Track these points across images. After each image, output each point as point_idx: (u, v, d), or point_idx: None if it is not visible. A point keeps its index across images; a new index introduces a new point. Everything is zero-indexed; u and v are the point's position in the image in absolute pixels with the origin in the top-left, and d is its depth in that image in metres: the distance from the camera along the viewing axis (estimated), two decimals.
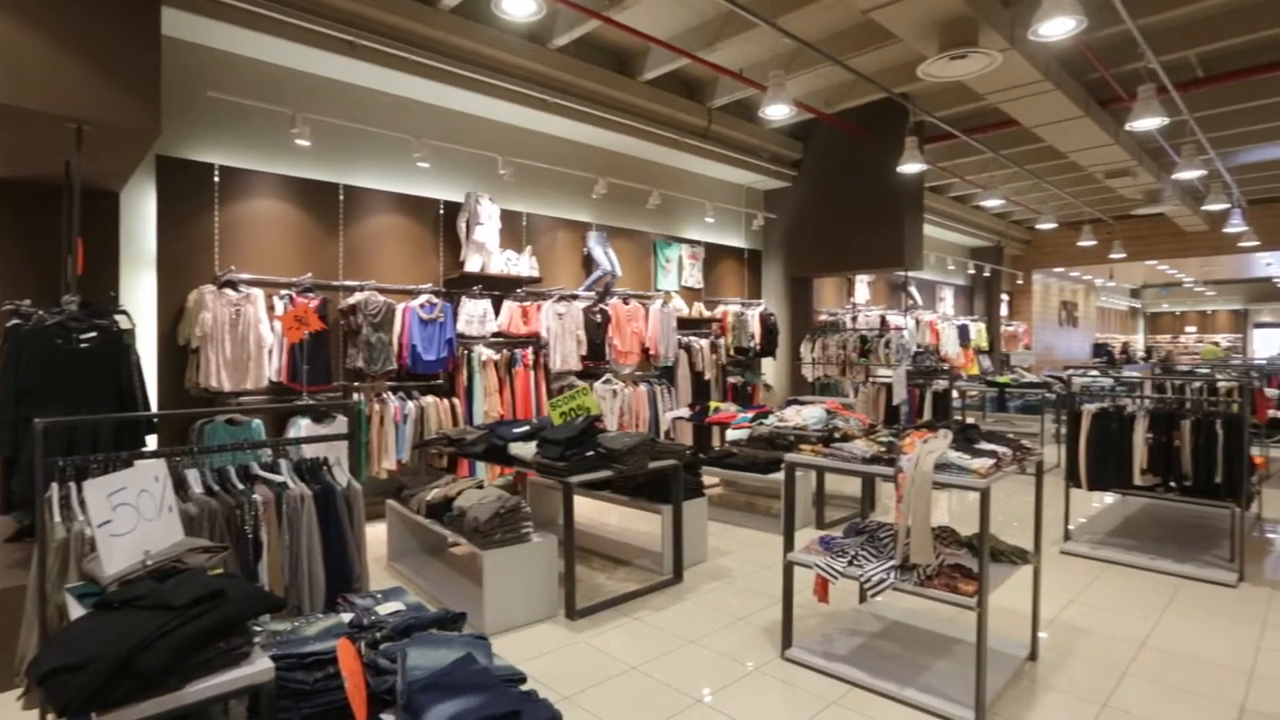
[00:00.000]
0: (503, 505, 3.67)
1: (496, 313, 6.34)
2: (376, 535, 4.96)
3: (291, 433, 4.97)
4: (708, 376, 7.96)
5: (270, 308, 5.07)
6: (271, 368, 5.03)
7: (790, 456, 3.40)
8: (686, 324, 7.98)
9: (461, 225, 6.19)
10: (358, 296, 5.44)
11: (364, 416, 5.38)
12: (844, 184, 8.71)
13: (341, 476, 2.90)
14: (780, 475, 4.94)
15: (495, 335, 6.29)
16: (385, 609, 2.35)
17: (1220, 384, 5.63)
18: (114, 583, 1.92)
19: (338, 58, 5.13)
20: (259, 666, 1.73)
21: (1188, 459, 4.52)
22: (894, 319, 10.54)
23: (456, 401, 5.88)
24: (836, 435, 3.62)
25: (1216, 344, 25.27)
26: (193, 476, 2.65)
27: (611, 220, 7.65)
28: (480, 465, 5.89)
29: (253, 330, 4.87)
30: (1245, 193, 12.05)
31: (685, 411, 6.62)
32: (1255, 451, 4.86)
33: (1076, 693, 2.99)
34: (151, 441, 4.12)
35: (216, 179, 5.02)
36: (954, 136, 8.06)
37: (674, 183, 8.25)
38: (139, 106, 3.44)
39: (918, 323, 11.32)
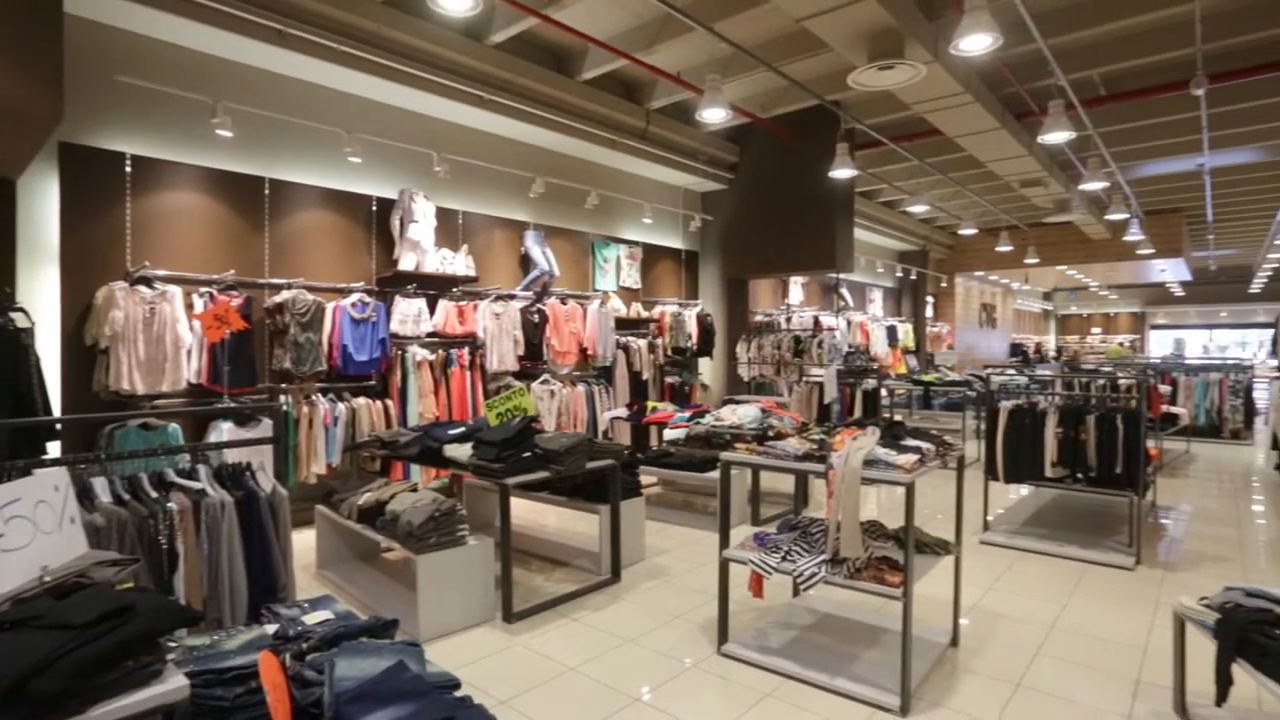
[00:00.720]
0: (437, 508, 3.60)
1: (432, 312, 6.21)
2: (305, 542, 4.79)
3: (212, 437, 4.74)
4: (645, 376, 8.02)
5: (189, 306, 4.82)
6: (190, 369, 4.78)
7: (725, 455, 3.46)
8: (624, 324, 8.01)
9: (395, 223, 6.04)
10: (285, 295, 5.23)
11: (291, 419, 5.18)
12: (779, 187, 8.91)
13: (266, 482, 2.79)
14: (717, 474, 5.02)
15: (430, 335, 6.17)
16: (313, 619, 2.27)
17: (1121, 381, 6.04)
18: (6, 602, 1.79)
19: (265, 46, 4.91)
20: (172, 685, 1.65)
21: (1092, 452, 4.83)
22: (826, 320, 10.84)
23: (390, 403, 5.73)
24: (770, 434, 3.70)
25: (1122, 344, 27.07)
26: (100, 485, 2.49)
27: (549, 220, 7.61)
28: (415, 468, 5.77)
29: (169, 330, 4.63)
30: (1142, 204, 12.94)
31: (623, 411, 6.64)
32: (1150, 444, 5.23)
33: (993, 674, 3.15)
34: (54, 449, 3.87)
35: (128, 169, 4.74)
36: (882, 144, 8.36)
37: (612, 183, 8.27)
38: (37, 88, 3.21)
39: (849, 323, 11.68)
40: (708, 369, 9.50)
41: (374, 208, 6.05)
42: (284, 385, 5.35)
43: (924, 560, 3.14)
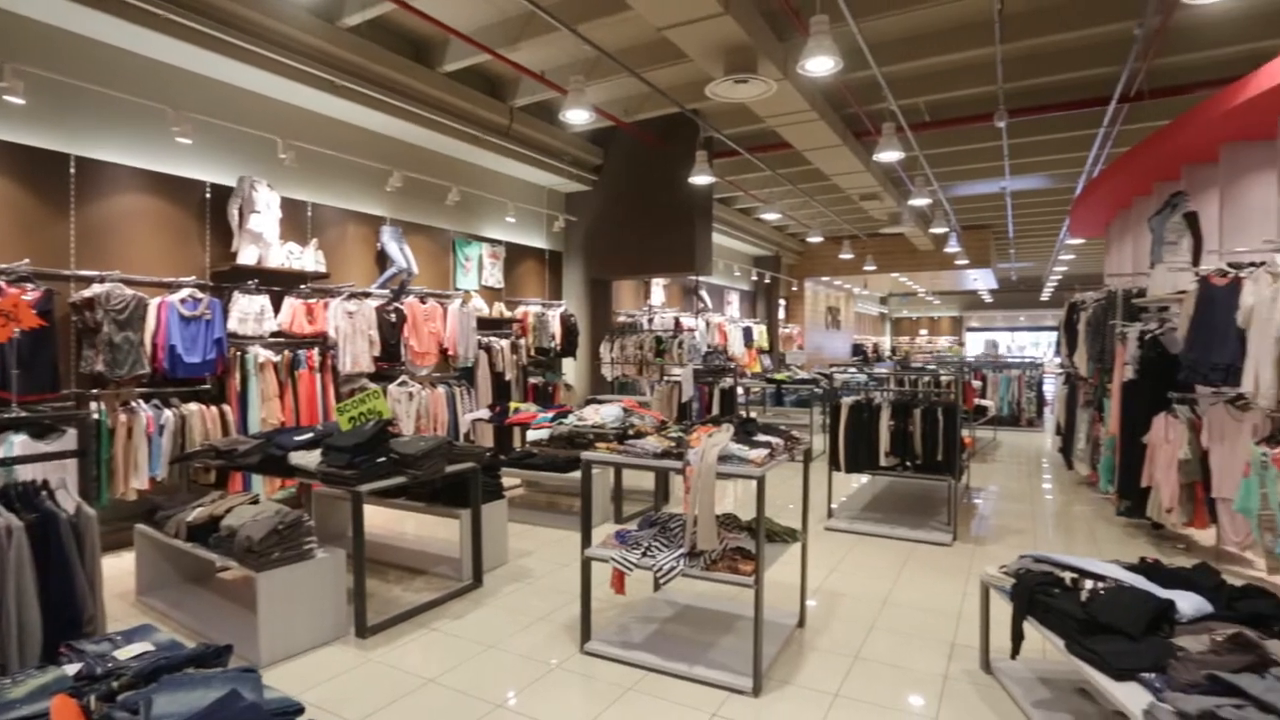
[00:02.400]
0: (281, 521, 3.35)
1: (276, 310, 5.75)
2: (122, 567, 4.30)
3: (0, 452, 4.10)
4: (508, 377, 7.90)
5: None
6: None
7: (586, 454, 3.51)
8: (487, 324, 7.85)
9: (234, 212, 5.54)
10: (97, 289, 4.64)
11: (106, 429, 4.60)
12: (641, 191, 9.11)
13: (68, 502, 2.48)
14: (580, 473, 5.05)
15: (275, 335, 5.71)
16: (127, 652, 2.04)
17: (943, 378, 6.76)
18: None
19: (72, 5, 4.32)
20: None
21: (918, 442, 5.37)
22: (687, 321, 11.22)
23: (228, 408, 5.25)
24: (631, 432, 3.79)
25: (961, 344, 30.33)
26: None
27: (408, 215, 7.30)
28: (257, 479, 5.32)
29: None
30: (960, 220, 14.55)
31: (485, 413, 6.51)
32: (965, 433, 5.91)
33: (835, 649, 3.43)
34: None
35: None
36: (739, 153, 8.79)
37: (474, 180, 8.07)
38: None
39: (708, 324, 12.16)
40: (571, 369, 9.53)
41: (208, 195, 5.51)
42: (96, 391, 4.75)
43: (774, 549, 3.36)
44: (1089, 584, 2.77)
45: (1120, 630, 2.41)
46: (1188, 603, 2.53)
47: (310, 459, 3.79)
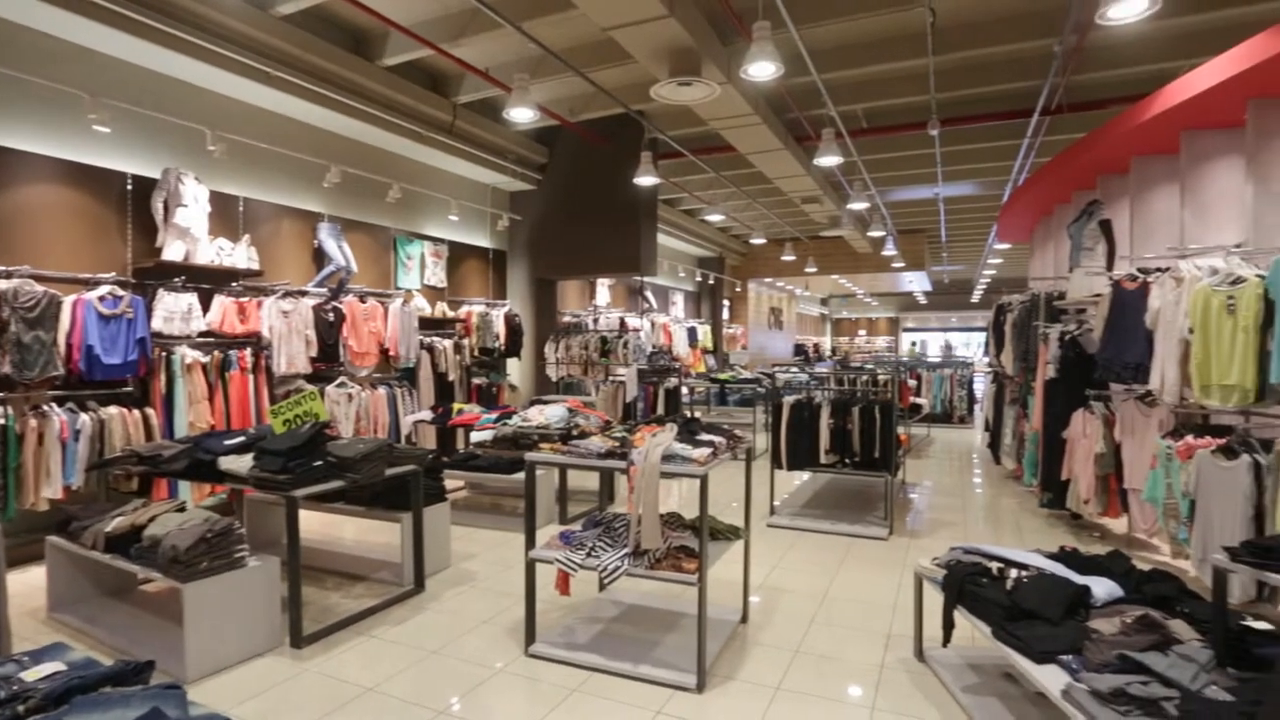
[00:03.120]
0: (210, 529, 3.22)
1: (205, 309, 5.51)
2: (31, 582, 4.07)
3: None
4: (452, 378, 7.78)
5: None
6: None
7: (530, 455, 3.49)
8: (429, 324, 7.71)
9: (158, 206, 5.27)
10: (3, 285, 4.35)
11: (13, 434, 4.32)
12: (586, 190, 9.09)
13: None
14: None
15: (204, 335, 5.47)
16: (36, 673, 1.92)
17: (880, 377, 6.98)
18: None
19: None
20: None
21: (857, 439, 5.53)
22: (632, 321, 11.26)
23: (152, 412, 4.99)
24: (575, 433, 3.79)
25: (915, 343, 31.31)
26: None
27: (347, 212, 7.09)
28: (184, 486, 5.09)
29: None
30: (896, 224, 15.05)
31: (428, 414, 6.39)
32: (901, 430, 6.11)
33: (777, 644, 3.51)
34: None
35: None
36: (683, 155, 8.87)
37: (416, 177, 7.91)
38: None
39: (653, 325, 12.23)
40: (516, 369, 9.44)
41: (129, 187, 5.24)
42: (3, 394, 4.45)
43: (717, 546, 3.41)
44: (1014, 573, 2.92)
45: (1041, 616, 2.55)
46: (1101, 588, 2.70)
47: (242, 464, 3.65)
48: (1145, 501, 4.27)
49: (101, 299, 4.76)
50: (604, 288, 11.93)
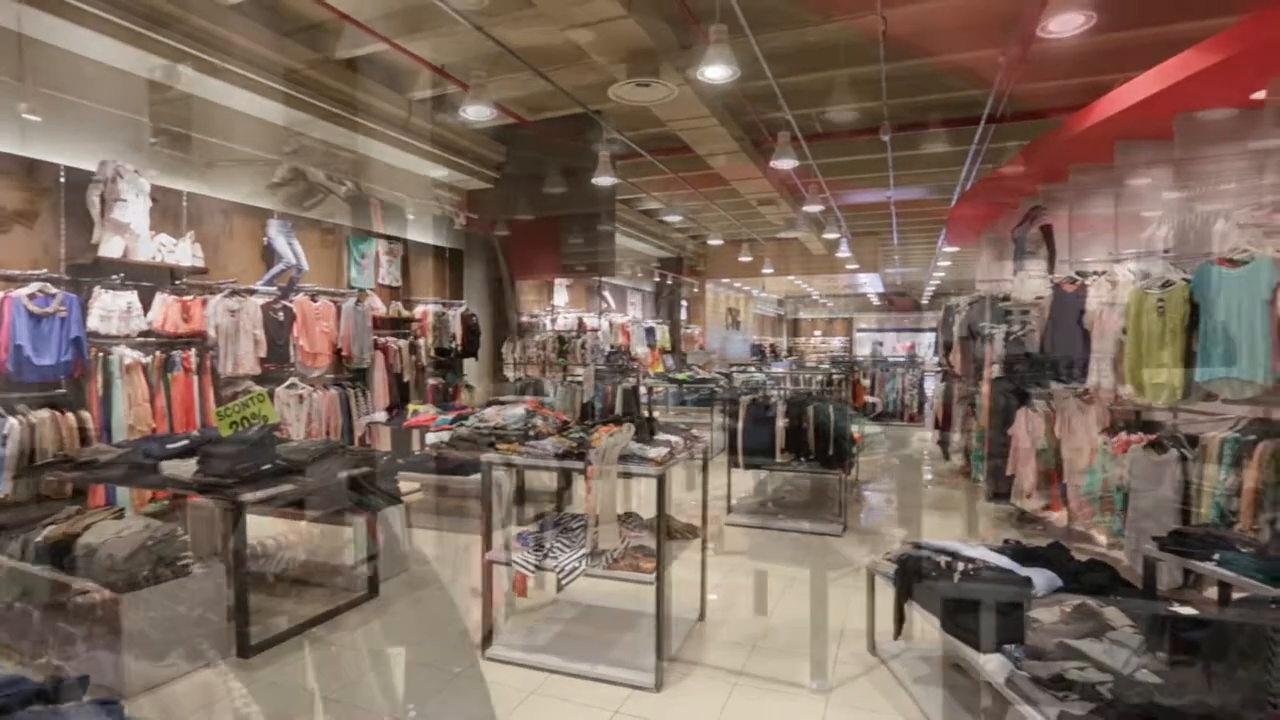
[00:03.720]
0: (150, 536, 3.11)
1: (146, 308, 5.30)
2: None
3: None
4: (407, 378, 7.64)
5: None
6: None
7: (486, 456, 3.46)
8: (384, 323, 7.57)
9: (95, 200, 5.05)
10: None
11: None
12: (544, 190, 9.03)
13: None
14: None
15: (145, 334, 5.26)
16: None
17: (834, 377, 7.12)
18: None
19: None
20: None
21: (812, 438, 5.63)
22: (590, 321, 11.24)
23: (87, 415, 4.78)
24: (533, 433, 3.77)
25: (879, 343, 31.77)
26: None
27: (298, 209, 6.90)
28: (123, 492, 4.88)
29: None
30: (850, 227, 15.34)
31: (382, 415, 6.28)
32: (854, 429, 6.24)
33: (734, 641, 3.55)
34: None
35: None
36: (642, 155, 8.89)
37: (370, 174, 7.74)
38: None
39: (611, 325, 12.23)
40: (473, 370, 9.33)
41: (63, 179, 5.00)
42: None
43: (675, 546, 3.43)
44: (961, 566, 3.01)
45: (986, 607, 2.64)
46: (1042, 578, 2.81)
47: (185, 468, 3.52)
48: (1083, 495, 4.46)
49: (32, 297, 4.54)
50: (562, 288, 11.88)
